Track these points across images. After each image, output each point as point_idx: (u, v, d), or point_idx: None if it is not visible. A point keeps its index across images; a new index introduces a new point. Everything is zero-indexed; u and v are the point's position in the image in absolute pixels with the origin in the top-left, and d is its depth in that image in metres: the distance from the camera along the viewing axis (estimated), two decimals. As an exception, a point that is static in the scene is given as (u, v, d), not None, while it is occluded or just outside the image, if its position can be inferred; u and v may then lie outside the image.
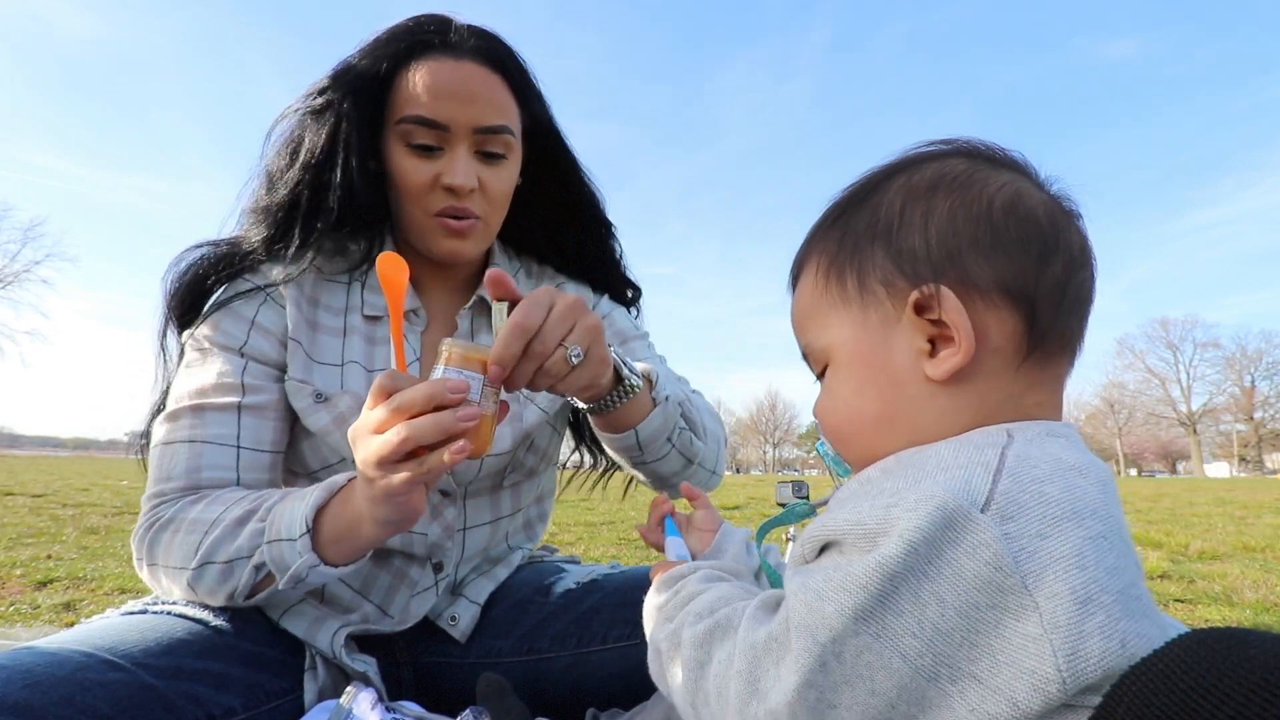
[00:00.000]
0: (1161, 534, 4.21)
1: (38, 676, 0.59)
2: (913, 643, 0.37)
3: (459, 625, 0.90)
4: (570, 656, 0.87)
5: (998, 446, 0.42)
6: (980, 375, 0.47)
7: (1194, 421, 53.89)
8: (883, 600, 0.37)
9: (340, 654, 0.78)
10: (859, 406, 0.51)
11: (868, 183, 0.54)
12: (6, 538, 3.57)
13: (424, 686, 0.90)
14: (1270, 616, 2.13)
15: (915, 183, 0.51)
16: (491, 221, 0.90)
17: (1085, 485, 0.40)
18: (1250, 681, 0.28)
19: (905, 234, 0.49)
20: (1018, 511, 0.37)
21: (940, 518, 0.37)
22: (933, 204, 0.49)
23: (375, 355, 0.88)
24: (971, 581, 0.36)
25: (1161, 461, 62.20)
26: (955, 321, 0.45)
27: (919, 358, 0.47)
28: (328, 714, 0.71)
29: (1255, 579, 2.70)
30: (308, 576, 0.69)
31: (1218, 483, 19.00)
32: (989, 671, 0.36)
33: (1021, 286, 0.46)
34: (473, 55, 0.84)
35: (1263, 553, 3.49)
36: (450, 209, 0.84)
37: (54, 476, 10.13)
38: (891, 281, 0.49)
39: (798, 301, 0.57)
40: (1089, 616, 0.35)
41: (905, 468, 0.44)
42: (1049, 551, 0.36)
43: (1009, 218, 0.47)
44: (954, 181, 0.49)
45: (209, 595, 0.74)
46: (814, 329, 0.55)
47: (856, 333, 0.51)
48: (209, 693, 0.70)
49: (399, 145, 0.84)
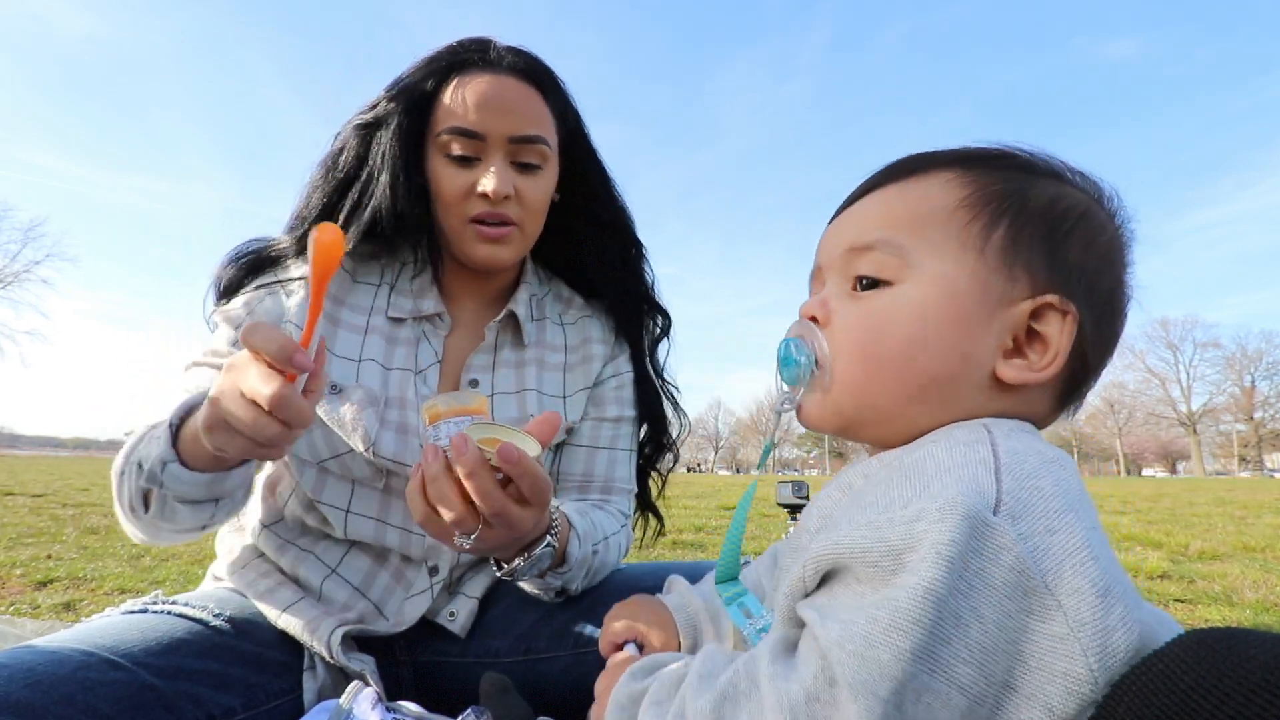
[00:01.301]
0: (1161, 534, 4.21)
1: (39, 675, 0.59)
2: (965, 670, 0.34)
3: (457, 620, 0.90)
4: (569, 656, 0.87)
5: (986, 442, 0.41)
6: (1026, 399, 0.48)
7: (1194, 421, 53.87)
8: (934, 632, 0.34)
9: (337, 653, 0.78)
10: (919, 354, 0.46)
11: (1046, 164, 0.51)
12: (6, 538, 3.57)
13: (423, 686, 0.90)
14: (1270, 616, 2.13)
15: (1093, 208, 0.49)
16: (527, 229, 0.92)
17: (1067, 476, 0.40)
18: (1250, 681, 0.28)
19: (1071, 243, 0.47)
20: (1024, 510, 0.36)
21: (967, 527, 0.35)
22: (1100, 241, 0.49)
23: (394, 355, 0.90)
24: (1001, 590, 0.35)
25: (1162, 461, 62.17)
26: (1059, 346, 0.46)
27: (998, 350, 0.47)
28: (327, 714, 0.71)
29: (1255, 579, 2.70)
30: (162, 474, 0.69)
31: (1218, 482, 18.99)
32: (1023, 679, 0.35)
33: (1099, 354, 0.49)
34: (510, 70, 0.88)
35: (1263, 553, 3.49)
36: (485, 215, 0.87)
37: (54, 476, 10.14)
38: (1036, 273, 0.46)
39: (910, 193, 0.50)
40: (1111, 609, 0.34)
41: (898, 473, 0.42)
42: (1061, 546, 0.35)
43: (1123, 300, 0.50)
44: (1116, 239, 0.50)
45: (119, 502, 0.76)
46: (917, 238, 0.48)
47: (969, 286, 0.46)
48: (209, 692, 0.70)
49: (439, 156, 0.88)
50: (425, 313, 0.93)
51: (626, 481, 1.01)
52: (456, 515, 0.61)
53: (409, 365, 0.89)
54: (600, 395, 1.01)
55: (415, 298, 0.93)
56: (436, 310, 0.93)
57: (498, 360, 0.95)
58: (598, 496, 0.98)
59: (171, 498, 0.71)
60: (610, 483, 0.99)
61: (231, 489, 0.75)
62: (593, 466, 0.99)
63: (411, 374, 0.89)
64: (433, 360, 0.92)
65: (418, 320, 0.93)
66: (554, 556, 0.76)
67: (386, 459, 0.83)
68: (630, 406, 1.04)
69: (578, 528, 0.81)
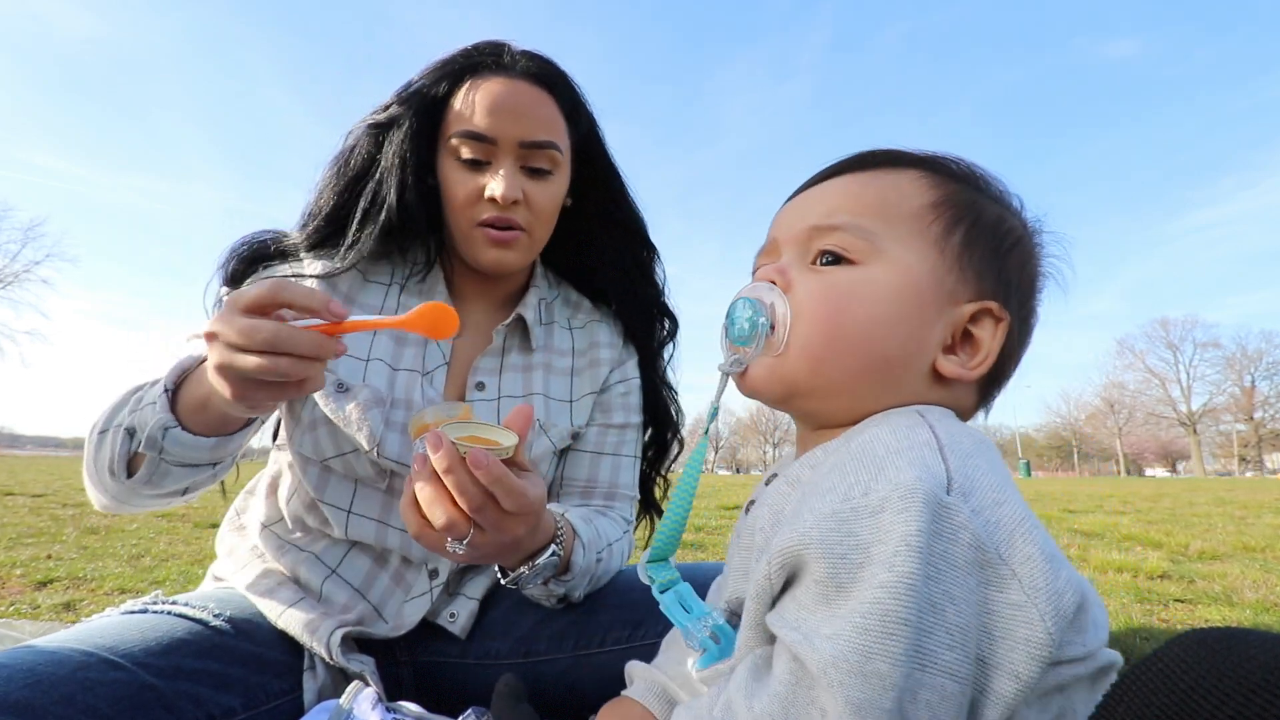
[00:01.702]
0: (1161, 534, 4.21)
1: (39, 675, 0.59)
2: (951, 656, 0.34)
3: (458, 621, 0.90)
4: (568, 658, 0.87)
5: (924, 425, 0.43)
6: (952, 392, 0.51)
7: (1194, 421, 53.84)
8: (919, 626, 0.34)
9: (337, 654, 0.78)
10: (882, 334, 0.48)
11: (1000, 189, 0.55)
12: (6, 538, 3.57)
13: (423, 686, 0.90)
14: (1270, 616, 2.13)
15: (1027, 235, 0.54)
16: (536, 234, 0.92)
17: (994, 455, 0.42)
18: (1250, 681, 0.28)
19: (1010, 259, 0.52)
20: (972, 486, 0.38)
21: (929, 513, 0.35)
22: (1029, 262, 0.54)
23: (402, 355, 0.90)
24: (964, 568, 0.35)
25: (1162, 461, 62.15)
26: (990, 349, 0.50)
27: (939, 345, 0.50)
28: (327, 714, 0.71)
29: (1255, 579, 2.70)
30: (164, 439, 0.69)
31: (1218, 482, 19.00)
32: (990, 651, 0.35)
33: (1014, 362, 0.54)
34: (523, 75, 0.88)
35: (1263, 553, 3.49)
36: (493, 219, 0.87)
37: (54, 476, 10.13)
38: (983, 278, 0.50)
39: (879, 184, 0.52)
40: (1058, 572, 0.36)
41: (848, 457, 0.42)
42: (1008, 517, 0.37)
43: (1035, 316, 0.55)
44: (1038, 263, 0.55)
45: (93, 466, 0.76)
46: (885, 225, 0.50)
47: (930, 279, 0.49)
48: (209, 693, 0.70)
49: (450, 159, 0.88)
50: None
51: (630, 488, 1.01)
52: (446, 520, 0.60)
53: (416, 367, 0.89)
54: (607, 401, 1.01)
55: (425, 299, 0.93)
56: None
57: (505, 364, 0.96)
58: (601, 502, 0.98)
59: (170, 462, 0.72)
60: (614, 489, 0.99)
61: (233, 450, 0.77)
62: (597, 472, 0.99)
63: (419, 375, 0.89)
64: (440, 362, 0.92)
65: None
66: (559, 565, 0.76)
67: (391, 460, 0.83)
68: (636, 413, 1.04)
69: (582, 536, 0.81)
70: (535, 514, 0.65)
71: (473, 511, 0.60)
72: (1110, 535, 4.25)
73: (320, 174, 0.92)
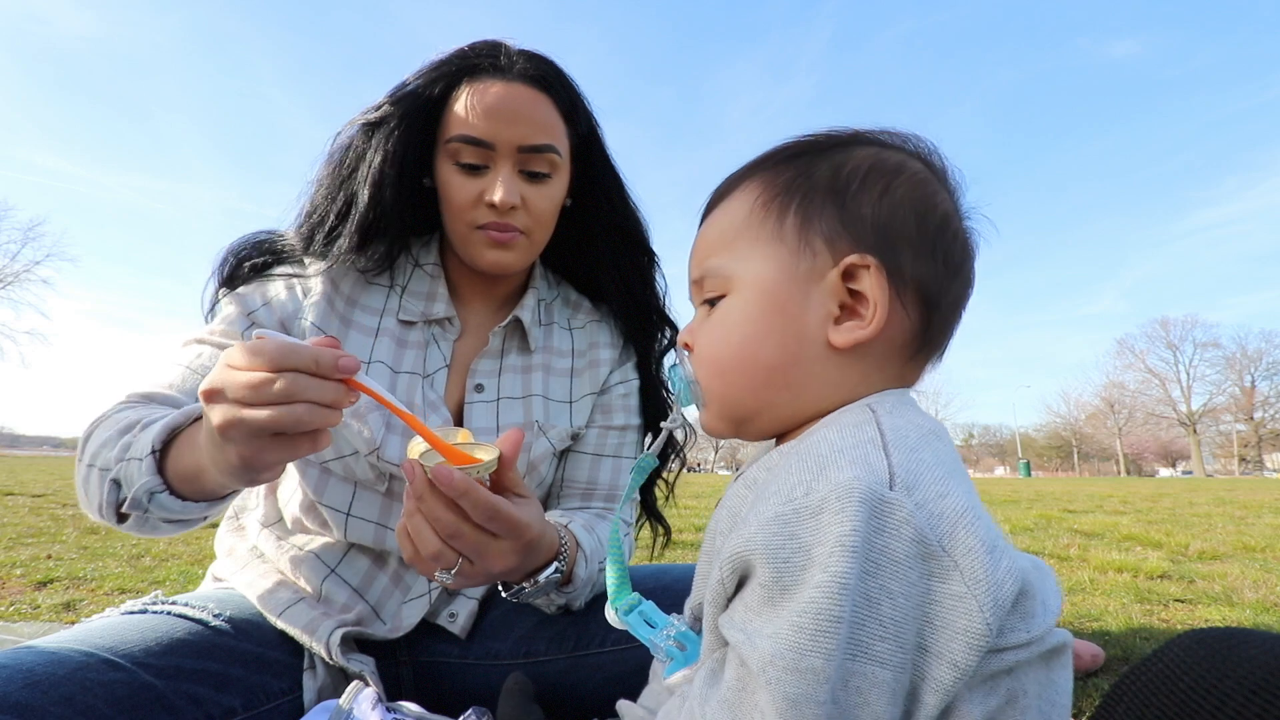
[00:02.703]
0: (1161, 534, 4.21)
1: (38, 676, 0.59)
2: (883, 646, 0.36)
3: (458, 621, 0.90)
4: (568, 659, 0.87)
5: (871, 422, 0.43)
6: (872, 356, 0.49)
7: (1194, 421, 53.83)
8: (851, 620, 0.35)
9: (336, 654, 0.78)
10: (755, 350, 0.50)
11: (833, 137, 0.54)
12: (6, 538, 3.57)
13: (423, 686, 0.90)
14: (1270, 616, 2.13)
15: (881, 159, 0.51)
16: (536, 237, 0.91)
17: (943, 446, 0.43)
18: (1250, 681, 0.28)
19: (860, 200, 0.50)
20: (915, 480, 0.38)
21: (866, 511, 0.36)
22: (893, 186, 0.50)
23: (404, 358, 0.90)
24: (904, 562, 0.36)
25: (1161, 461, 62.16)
26: (875, 298, 0.47)
27: (826, 320, 0.49)
28: (327, 714, 0.71)
29: (1255, 579, 2.70)
30: (149, 503, 0.64)
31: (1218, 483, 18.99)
32: (931, 639, 0.37)
33: (933, 294, 0.50)
34: (521, 77, 0.87)
35: (1263, 553, 3.49)
36: (493, 224, 0.87)
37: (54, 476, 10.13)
38: (834, 240, 0.49)
39: (719, 219, 0.55)
40: (999, 562, 0.36)
41: (794, 459, 0.42)
42: (951, 508, 0.37)
43: (943, 233, 0.50)
44: (912, 176, 0.51)
45: (84, 501, 0.71)
46: (729, 253, 0.52)
47: (778, 275, 0.50)
48: (209, 693, 0.70)
49: (448, 163, 0.87)
50: (435, 316, 0.93)
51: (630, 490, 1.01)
52: (431, 549, 0.59)
53: (417, 369, 0.89)
54: (608, 403, 1.01)
55: (426, 300, 0.93)
56: (447, 314, 0.93)
57: (504, 365, 0.96)
58: (601, 504, 0.98)
59: (157, 519, 0.68)
60: (615, 491, 0.99)
61: (226, 505, 0.72)
62: (597, 474, 0.99)
63: (420, 378, 0.89)
64: (441, 364, 0.92)
65: (428, 323, 0.93)
66: (561, 580, 0.76)
67: (390, 463, 0.83)
68: (636, 415, 1.04)
69: (585, 547, 0.81)
70: (524, 539, 0.64)
71: (448, 538, 0.59)
72: (1110, 535, 4.25)
73: (313, 173, 0.92)
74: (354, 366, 0.55)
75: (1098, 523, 5.05)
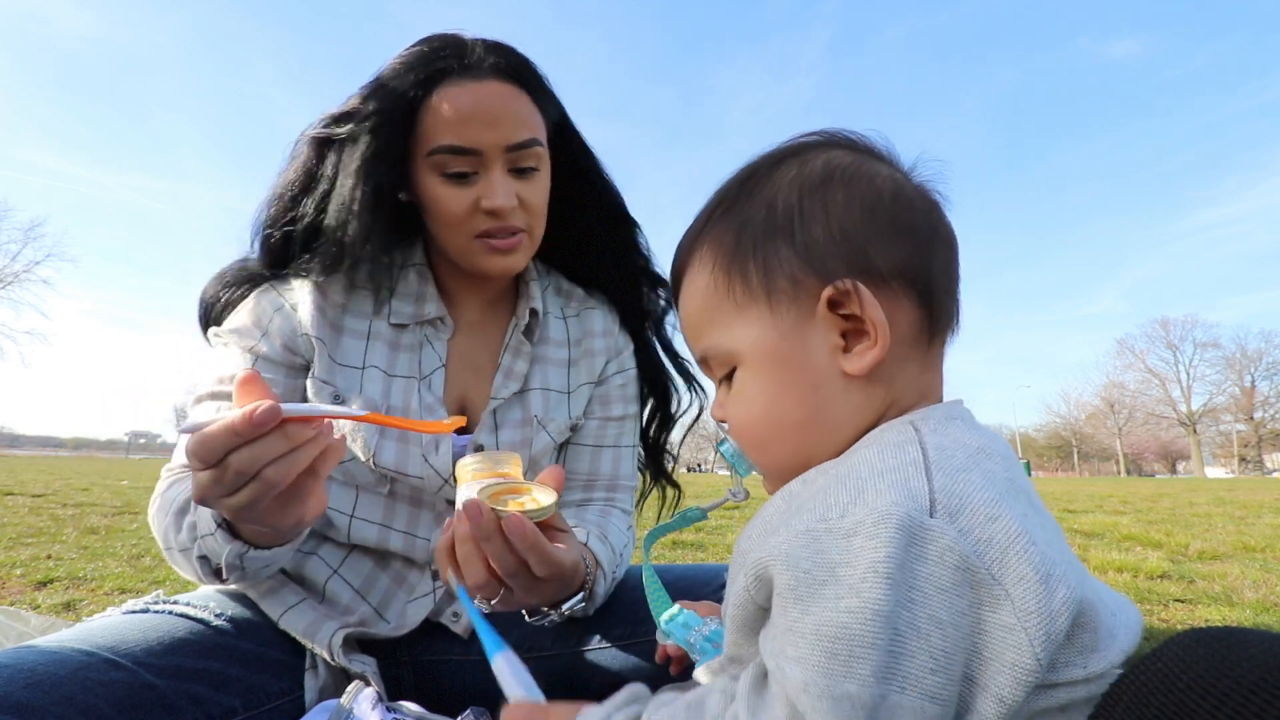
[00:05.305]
0: (1161, 534, 4.21)
1: (39, 676, 0.59)
2: (935, 680, 0.34)
3: (460, 621, 0.90)
4: (570, 656, 0.87)
5: (914, 441, 0.41)
6: (890, 364, 0.47)
7: (1194, 421, 53.80)
8: (892, 650, 0.34)
9: (338, 654, 0.78)
10: (780, 413, 0.49)
11: (753, 173, 0.52)
12: (6, 538, 3.57)
13: (424, 686, 0.90)
14: (1270, 616, 2.13)
15: (807, 174, 0.50)
16: (535, 232, 0.91)
17: (994, 465, 0.40)
18: (1249, 681, 0.28)
19: (808, 228, 0.48)
20: (960, 505, 0.36)
21: (903, 538, 0.35)
22: (829, 195, 0.48)
23: (397, 361, 0.90)
24: (952, 590, 0.34)
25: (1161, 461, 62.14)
26: (871, 316, 0.46)
27: (835, 354, 0.47)
28: (328, 714, 0.71)
29: (1255, 579, 2.70)
30: (244, 564, 0.69)
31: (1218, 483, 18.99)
32: (978, 671, 0.35)
33: (918, 273, 0.48)
34: (492, 73, 0.84)
35: (1263, 553, 3.49)
36: (494, 229, 0.85)
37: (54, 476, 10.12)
38: (800, 278, 0.47)
39: (690, 302, 0.54)
40: (1054, 593, 0.34)
41: (833, 479, 0.41)
42: (1002, 533, 0.35)
43: (897, 206, 0.48)
44: (844, 172, 0.49)
45: (192, 578, 0.76)
46: (715, 331, 0.52)
47: (767, 334, 0.48)
48: (209, 693, 0.70)
49: (433, 175, 0.84)
50: (427, 317, 0.92)
51: (630, 478, 1.02)
52: (478, 580, 0.61)
53: (412, 372, 0.89)
54: (606, 394, 1.01)
55: (415, 302, 0.93)
56: (438, 314, 0.93)
57: (514, 363, 0.96)
58: (603, 494, 0.98)
59: (256, 570, 0.72)
60: (615, 480, 0.99)
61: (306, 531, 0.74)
62: (598, 465, 0.99)
63: (415, 381, 0.89)
64: (437, 365, 0.91)
65: (420, 325, 0.93)
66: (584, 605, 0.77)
67: (387, 469, 0.83)
68: (634, 402, 1.04)
69: (604, 565, 0.82)
70: (567, 578, 0.67)
71: (506, 576, 0.62)
72: (1110, 535, 4.25)
73: (276, 192, 0.88)
74: (269, 418, 0.52)
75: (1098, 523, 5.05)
